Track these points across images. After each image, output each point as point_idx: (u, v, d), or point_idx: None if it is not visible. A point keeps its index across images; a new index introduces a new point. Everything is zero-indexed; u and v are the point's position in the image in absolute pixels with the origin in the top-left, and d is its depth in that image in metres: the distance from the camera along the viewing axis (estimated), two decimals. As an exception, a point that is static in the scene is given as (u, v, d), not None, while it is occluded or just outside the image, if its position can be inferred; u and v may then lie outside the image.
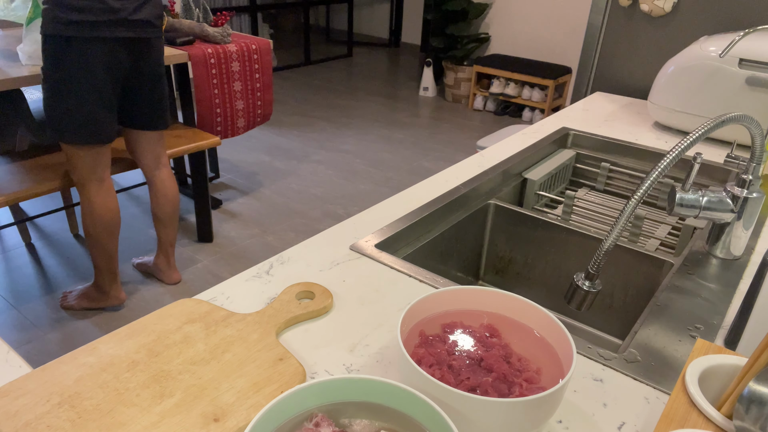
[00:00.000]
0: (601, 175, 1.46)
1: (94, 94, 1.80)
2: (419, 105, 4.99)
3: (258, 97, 2.79)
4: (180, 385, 0.60)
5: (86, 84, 1.77)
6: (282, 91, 5.09)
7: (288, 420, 0.49)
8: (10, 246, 2.61)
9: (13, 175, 2.08)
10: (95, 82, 1.78)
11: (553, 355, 0.60)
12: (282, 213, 3.05)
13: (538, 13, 4.83)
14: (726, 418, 0.51)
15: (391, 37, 6.94)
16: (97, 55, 1.75)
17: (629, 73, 1.80)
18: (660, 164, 0.70)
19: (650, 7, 1.67)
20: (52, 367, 0.61)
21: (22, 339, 2.06)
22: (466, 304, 0.66)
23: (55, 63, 1.74)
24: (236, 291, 0.78)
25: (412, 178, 3.50)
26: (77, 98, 1.78)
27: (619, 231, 0.72)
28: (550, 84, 4.46)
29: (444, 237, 1.07)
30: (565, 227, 1.11)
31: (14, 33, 2.51)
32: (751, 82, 1.31)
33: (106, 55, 1.77)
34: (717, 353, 0.58)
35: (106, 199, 1.99)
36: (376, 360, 0.67)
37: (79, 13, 1.68)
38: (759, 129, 0.81)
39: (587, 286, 0.77)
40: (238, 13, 5.45)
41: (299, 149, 3.89)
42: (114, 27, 1.75)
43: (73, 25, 1.69)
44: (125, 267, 2.49)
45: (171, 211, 2.23)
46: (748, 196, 0.88)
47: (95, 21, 1.70)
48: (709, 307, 0.80)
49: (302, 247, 0.89)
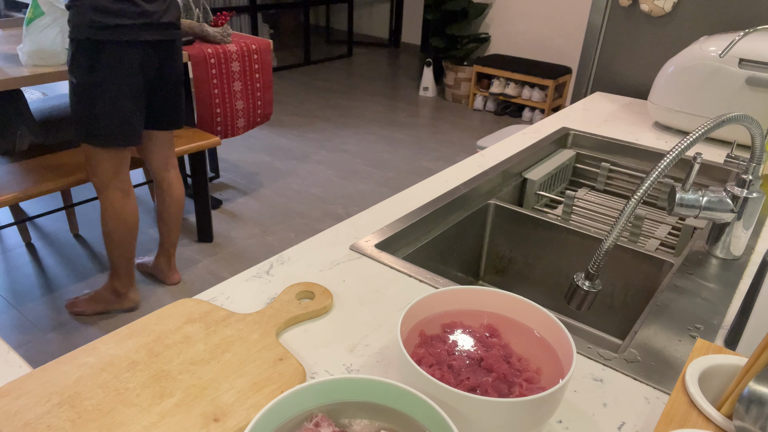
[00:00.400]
0: (601, 175, 1.46)
1: (129, 97, 1.82)
2: (419, 105, 4.99)
3: (258, 97, 2.79)
4: (180, 385, 0.60)
5: (122, 87, 1.79)
6: (282, 91, 5.09)
7: (288, 420, 0.49)
8: (10, 246, 2.61)
9: (13, 175, 2.08)
10: (130, 84, 1.81)
11: (553, 355, 0.60)
12: (282, 213, 3.05)
13: (538, 13, 4.83)
14: (726, 418, 0.51)
15: (391, 37, 6.94)
16: (132, 58, 1.78)
17: (629, 73, 1.80)
18: (660, 164, 0.70)
19: (650, 7, 1.67)
20: (52, 367, 0.61)
21: (22, 339, 2.06)
22: (466, 304, 0.66)
23: (90, 67, 1.74)
24: (236, 291, 0.78)
25: (412, 178, 3.50)
26: (112, 101, 1.79)
27: (619, 231, 0.72)
28: (550, 84, 4.46)
29: (444, 237, 1.07)
30: (565, 227, 1.11)
31: (14, 33, 2.51)
32: (751, 82, 1.31)
33: (140, 57, 1.80)
34: (717, 353, 0.58)
35: (127, 202, 2.00)
36: (376, 360, 0.67)
37: (115, 17, 1.70)
38: (759, 129, 0.81)
39: (587, 286, 0.77)
40: (238, 13, 5.45)
41: (299, 149, 3.89)
42: (147, 30, 1.78)
43: (110, 29, 1.70)
44: (125, 267, 2.49)
45: (176, 212, 2.24)
46: (748, 196, 0.88)
47: (131, 24, 1.73)
48: (709, 307, 0.80)
49: (302, 247, 0.89)
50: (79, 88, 1.78)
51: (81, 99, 1.80)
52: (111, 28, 1.70)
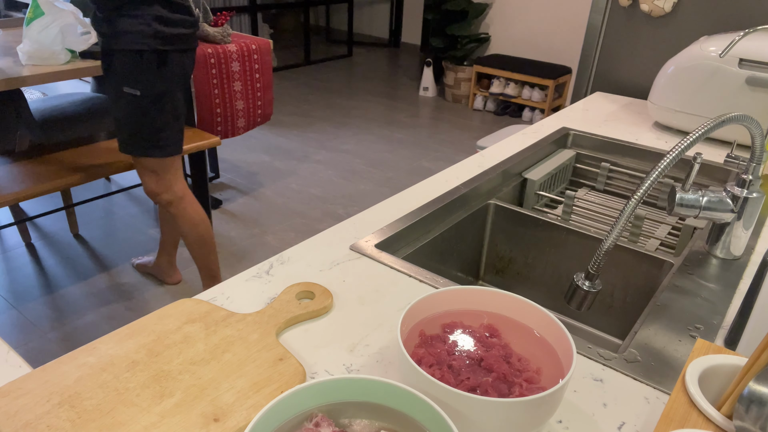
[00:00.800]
0: (601, 175, 1.46)
1: (184, 103, 1.83)
2: (419, 105, 4.99)
3: (258, 97, 2.79)
4: (180, 385, 0.60)
5: (181, 94, 1.80)
6: (282, 91, 5.09)
7: (288, 420, 0.49)
8: (10, 246, 2.61)
9: (13, 175, 2.08)
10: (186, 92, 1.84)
11: (553, 355, 0.60)
12: (282, 213, 3.05)
13: (538, 13, 4.83)
14: (726, 418, 0.51)
15: (391, 37, 6.94)
16: (188, 65, 1.80)
17: (629, 73, 1.80)
18: (660, 164, 0.70)
19: (650, 7, 1.67)
20: (52, 367, 0.61)
21: (22, 339, 2.06)
22: (466, 304, 0.66)
23: (157, 78, 1.72)
24: (236, 291, 0.78)
25: (412, 178, 3.50)
26: (174, 110, 1.79)
27: (619, 231, 0.72)
28: (550, 84, 4.46)
29: (444, 237, 1.07)
30: (565, 227, 1.10)
31: (14, 33, 2.51)
32: (751, 82, 1.31)
33: (192, 64, 1.82)
34: (717, 353, 0.58)
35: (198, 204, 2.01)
36: (376, 360, 0.67)
37: (176, 27, 1.70)
38: (759, 129, 0.81)
39: (587, 286, 0.77)
40: (238, 13, 5.45)
41: (299, 149, 3.89)
42: (196, 37, 1.80)
43: (174, 39, 1.70)
44: (125, 267, 2.49)
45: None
46: (748, 196, 0.88)
47: (188, 33, 1.74)
48: (709, 307, 0.80)
49: (302, 247, 0.89)
50: (145, 100, 1.74)
51: (145, 111, 1.75)
52: (174, 37, 1.70)
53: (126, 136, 1.81)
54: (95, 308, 2.23)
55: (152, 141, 1.81)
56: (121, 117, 1.78)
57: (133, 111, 1.76)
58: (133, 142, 1.82)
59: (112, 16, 1.65)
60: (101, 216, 2.91)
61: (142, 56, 1.69)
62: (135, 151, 1.84)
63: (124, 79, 1.72)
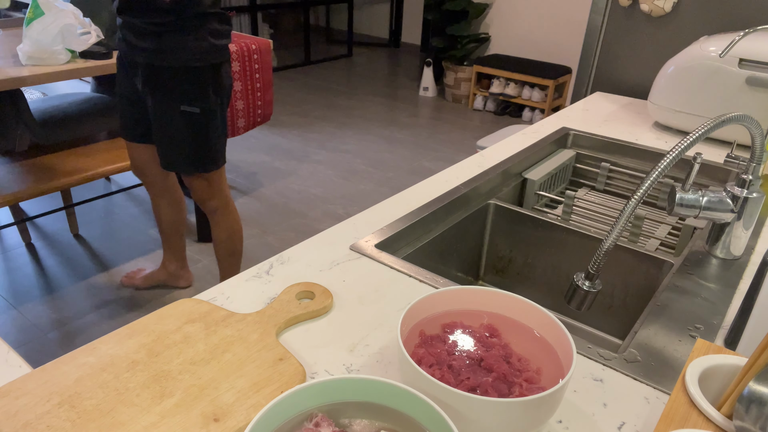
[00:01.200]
0: (601, 175, 1.46)
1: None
2: (419, 105, 4.99)
3: (258, 97, 2.79)
4: (180, 385, 0.60)
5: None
6: (282, 91, 5.09)
7: (288, 420, 0.49)
8: (10, 246, 2.61)
9: (13, 175, 2.08)
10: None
11: (553, 355, 0.60)
12: (282, 213, 3.05)
13: (538, 13, 4.83)
14: (726, 418, 0.51)
15: (391, 37, 6.94)
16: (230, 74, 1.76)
17: (629, 73, 1.80)
18: (660, 164, 0.70)
19: (650, 7, 1.67)
20: (52, 367, 0.61)
21: (22, 339, 2.06)
22: (466, 304, 0.66)
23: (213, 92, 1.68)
24: (236, 291, 0.78)
25: (412, 178, 3.50)
26: (224, 121, 1.76)
27: (619, 231, 0.72)
28: (550, 84, 4.46)
29: (444, 237, 1.07)
30: (565, 227, 1.11)
31: (14, 33, 2.51)
32: (751, 82, 1.31)
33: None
34: (717, 353, 0.58)
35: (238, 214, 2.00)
36: (376, 360, 0.67)
37: (224, 38, 1.68)
38: (759, 129, 0.81)
39: (587, 286, 0.77)
40: (238, 13, 5.45)
41: (299, 149, 3.89)
42: None
43: (224, 50, 1.68)
44: (125, 267, 2.49)
45: (185, 216, 2.23)
46: (748, 196, 0.88)
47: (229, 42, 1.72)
48: (709, 307, 0.80)
49: (302, 247, 0.89)
50: (203, 116, 1.67)
51: (204, 129, 1.69)
52: (224, 48, 1.67)
53: (180, 156, 1.73)
54: (95, 308, 2.23)
55: (208, 157, 1.75)
56: (178, 137, 1.70)
57: (193, 130, 1.68)
58: (190, 162, 1.75)
59: (159, 31, 1.57)
60: (101, 216, 2.91)
61: (200, 73, 1.62)
62: (189, 170, 1.77)
63: (181, 97, 1.64)
